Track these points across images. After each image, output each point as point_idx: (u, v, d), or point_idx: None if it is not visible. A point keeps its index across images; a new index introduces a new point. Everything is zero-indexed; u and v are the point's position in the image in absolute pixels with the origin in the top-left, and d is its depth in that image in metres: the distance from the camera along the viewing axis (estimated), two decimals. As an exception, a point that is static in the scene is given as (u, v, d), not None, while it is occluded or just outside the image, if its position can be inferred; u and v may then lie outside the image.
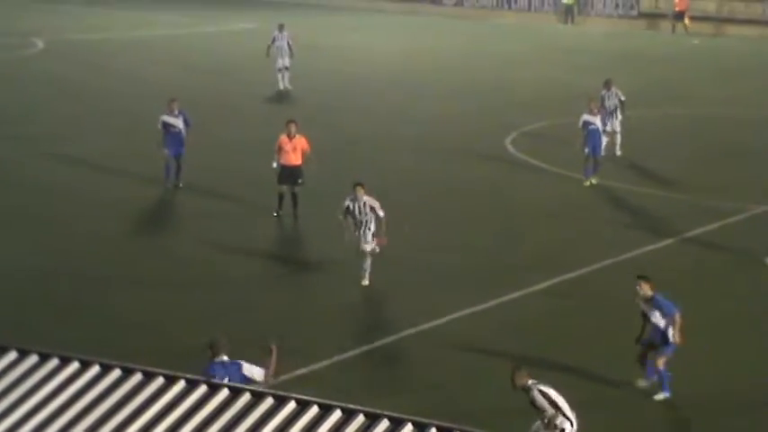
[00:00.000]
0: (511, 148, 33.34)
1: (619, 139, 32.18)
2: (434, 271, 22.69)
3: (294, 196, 25.34)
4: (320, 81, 43.59)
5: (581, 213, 27.08)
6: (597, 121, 29.25)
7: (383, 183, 29.07)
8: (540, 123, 36.69)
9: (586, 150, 29.22)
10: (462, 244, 24.40)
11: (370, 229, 21.38)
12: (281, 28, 41.56)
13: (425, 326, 19.52)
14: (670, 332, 16.95)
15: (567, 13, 65.46)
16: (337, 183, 26.48)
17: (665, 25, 62.46)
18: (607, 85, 32.32)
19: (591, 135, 29.15)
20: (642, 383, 17.32)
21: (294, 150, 25.24)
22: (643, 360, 17.31)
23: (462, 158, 32.08)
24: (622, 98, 32.02)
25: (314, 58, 49.39)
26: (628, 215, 27.01)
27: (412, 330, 19.37)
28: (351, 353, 18.46)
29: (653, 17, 63.90)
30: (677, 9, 61.77)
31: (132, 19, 50.87)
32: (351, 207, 21.46)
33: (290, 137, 25.31)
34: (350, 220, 21.50)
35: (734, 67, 50.86)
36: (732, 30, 61.57)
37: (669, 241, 24.81)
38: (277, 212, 25.57)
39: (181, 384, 9.33)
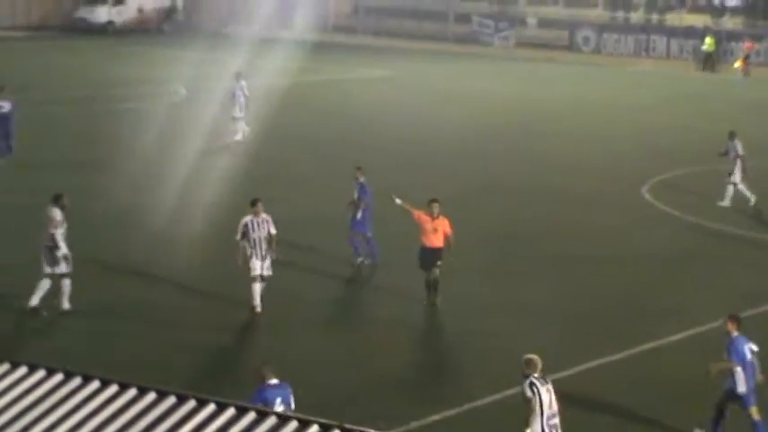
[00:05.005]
0: (648, 197, 33.05)
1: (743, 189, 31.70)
2: (566, 318, 22.57)
3: (434, 281, 22.91)
4: (454, 128, 43.72)
5: (716, 265, 26.65)
6: None
7: (517, 230, 29.11)
8: (677, 172, 36.31)
9: None
10: (592, 292, 24.25)
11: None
12: (237, 77, 39.83)
13: (560, 374, 19.40)
14: (739, 378, 16.54)
15: (707, 60, 64.74)
16: (469, 230, 26.48)
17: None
18: (731, 136, 31.92)
19: None
20: None
21: (435, 232, 22.86)
22: (718, 414, 16.89)
23: (598, 206, 31.91)
24: (740, 152, 31.62)
25: (448, 105, 49.67)
26: (765, 268, 26.50)
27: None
28: (480, 401, 18.44)
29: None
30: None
31: (266, 66, 51.76)
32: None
33: (433, 217, 22.99)
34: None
35: None
36: None
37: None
38: (428, 301, 23.08)
39: (181, 401, 9.71)
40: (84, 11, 75.15)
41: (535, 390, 14.76)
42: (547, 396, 14.79)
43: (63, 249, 21.70)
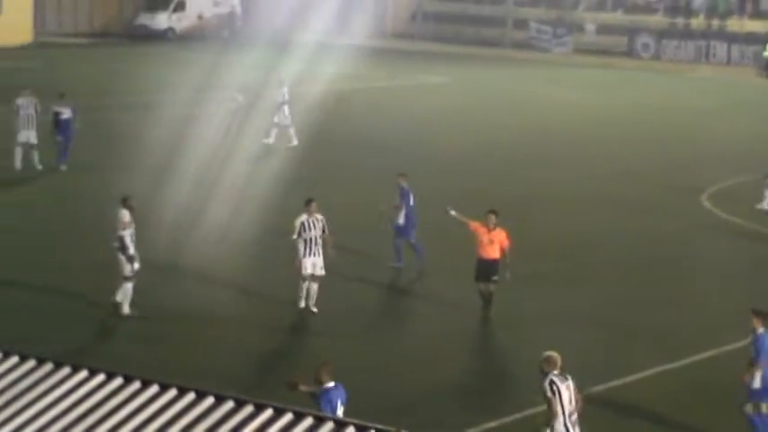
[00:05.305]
0: (707, 204, 32.83)
1: None
2: (623, 326, 22.47)
3: (489, 294, 22.61)
4: (510, 134, 43.67)
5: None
6: None
7: (574, 238, 29.02)
8: (737, 179, 36.03)
9: None
10: (649, 300, 24.13)
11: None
12: (279, 83, 40.41)
13: (615, 383, 19.34)
14: (756, 376, 16.65)
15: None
16: (524, 238, 26.33)
17: None
18: None
19: None
20: None
21: (491, 243, 22.35)
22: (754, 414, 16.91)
23: (656, 213, 31.76)
24: None
25: (505, 111, 49.61)
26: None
27: (600, 387, 19.21)
28: (536, 409, 18.38)
29: None
30: None
31: (323, 72, 51.87)
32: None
33: (489, 228, 22.54)
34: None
35: None
36: None
37: None
38: (482, 312, 22.78)
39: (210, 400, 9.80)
40: (144, 18, 75.80)
41: (555, 389, 14.92)
42: (567, 394, 14.95)
43: (130, 250, 21.91)
